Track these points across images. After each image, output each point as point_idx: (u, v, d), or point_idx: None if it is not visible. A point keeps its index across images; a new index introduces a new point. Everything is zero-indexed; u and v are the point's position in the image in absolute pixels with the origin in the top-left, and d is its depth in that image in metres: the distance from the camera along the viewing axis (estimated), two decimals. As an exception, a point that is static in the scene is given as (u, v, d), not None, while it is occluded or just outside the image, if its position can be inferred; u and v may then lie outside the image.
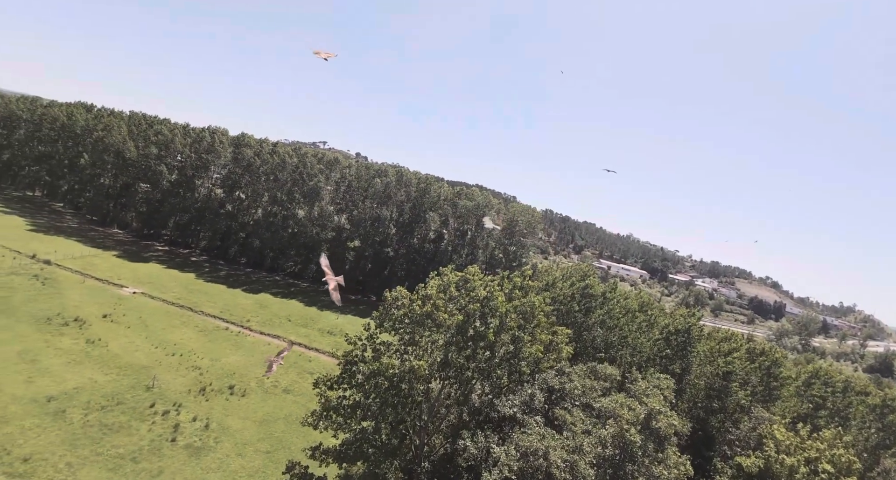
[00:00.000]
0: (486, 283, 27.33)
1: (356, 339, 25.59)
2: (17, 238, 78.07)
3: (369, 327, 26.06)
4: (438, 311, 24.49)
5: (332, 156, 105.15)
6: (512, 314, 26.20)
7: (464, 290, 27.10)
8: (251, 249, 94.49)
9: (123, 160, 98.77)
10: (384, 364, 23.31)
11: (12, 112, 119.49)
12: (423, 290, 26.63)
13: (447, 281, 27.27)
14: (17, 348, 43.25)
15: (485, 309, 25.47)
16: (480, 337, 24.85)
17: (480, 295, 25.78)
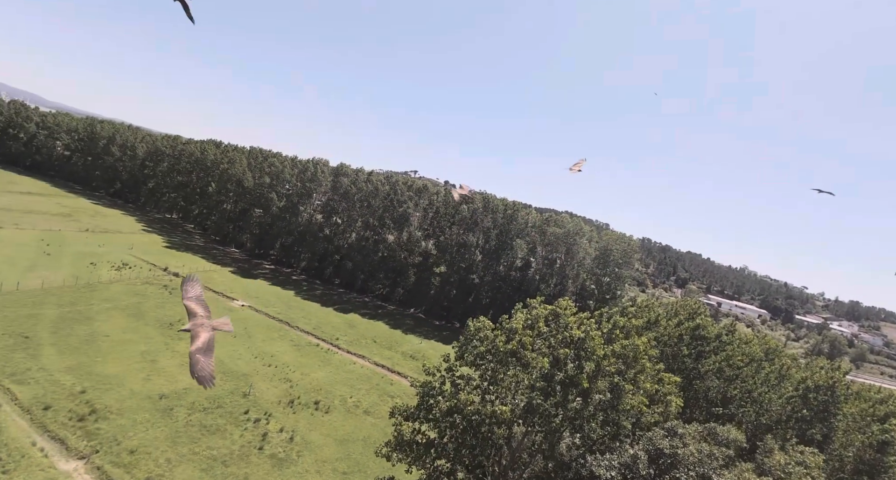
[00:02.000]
0: (581, 320, 24.49)
1: (435, 370, 24.28)
2: (155, 253, 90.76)
3: (448, 358, 24.64)
4: (525, 350, 22.29)
5: (421, 184, 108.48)
6: (611, 358, 23.07)
7: (554, 326, 24.53)
8: (344, 271, 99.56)
9: (242, 188, 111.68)
10: (463, 401, 21.57)
11: (158, 148, 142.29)
12: (509, 323, 24.61)
13: (536, 315, 24.96)
14: (142, 348, 48.94)
15: (579, 352, 22.67)
16: (572, 383, 22.01)
17: (575, 335, 23.03)
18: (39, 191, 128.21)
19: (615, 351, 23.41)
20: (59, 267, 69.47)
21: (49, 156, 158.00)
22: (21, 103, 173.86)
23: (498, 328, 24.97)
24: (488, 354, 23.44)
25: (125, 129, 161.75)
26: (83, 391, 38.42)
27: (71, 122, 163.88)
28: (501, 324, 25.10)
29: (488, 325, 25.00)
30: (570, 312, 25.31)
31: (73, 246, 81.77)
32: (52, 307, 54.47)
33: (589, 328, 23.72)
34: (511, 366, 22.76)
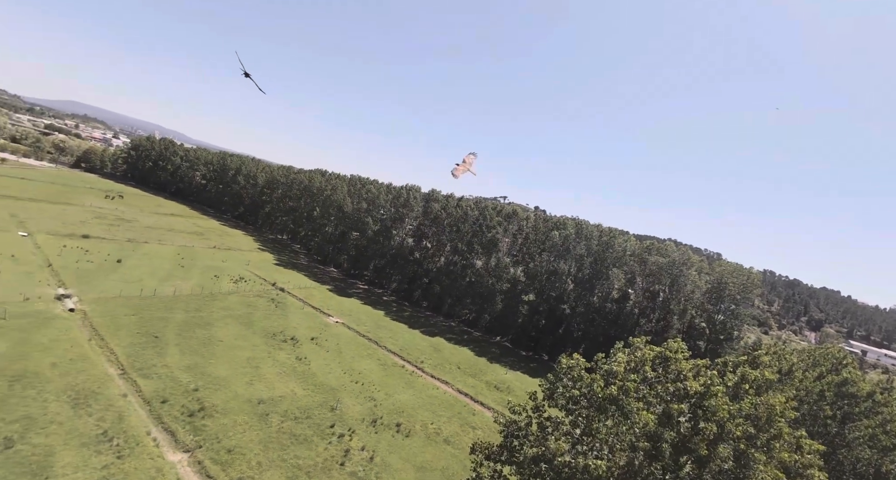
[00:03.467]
0: (698, 369, 20.85)
1: (520, 409, 22.21)
2: (267, 269, 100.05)
3: (535, 397, 22.43)
4: (628, 398, 19.41)
5: (510, 209, 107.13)
6: (738, 419, 19.10)
7: (663, 372, 21.22)
8: (432, 294, 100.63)
9: (342, 213, 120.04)
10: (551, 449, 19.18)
11: (274, 177, 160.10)
12: (607, 364, 21.82)
13: (641, 357, 21.84)
14: (248, 355, 53.06)
15: (696, 410, 19.15)
16: (686, 448, 18.49)
17: (691, 388, 19.52)
18: (180, 212, 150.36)
19: (743, 410, 19.33)
20: (190, 277, 79.30)
21: (189, 184, 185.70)
22: (170, 140, 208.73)
23: (594, 368, 22.28)
24: (583, 398, 20.85)
25: (249, 162, 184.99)
26: (196, 389, 42.29)
27: (208, 156, 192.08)
28: (598, 364, 22.39)
29: (582, 363, 22.44)
30: (682, 356, 21.81)
31: (202, 260, 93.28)
32: (180, 312, 61.82)
33: (709, 380, 19.99)
34: (610, 416, 19.86)
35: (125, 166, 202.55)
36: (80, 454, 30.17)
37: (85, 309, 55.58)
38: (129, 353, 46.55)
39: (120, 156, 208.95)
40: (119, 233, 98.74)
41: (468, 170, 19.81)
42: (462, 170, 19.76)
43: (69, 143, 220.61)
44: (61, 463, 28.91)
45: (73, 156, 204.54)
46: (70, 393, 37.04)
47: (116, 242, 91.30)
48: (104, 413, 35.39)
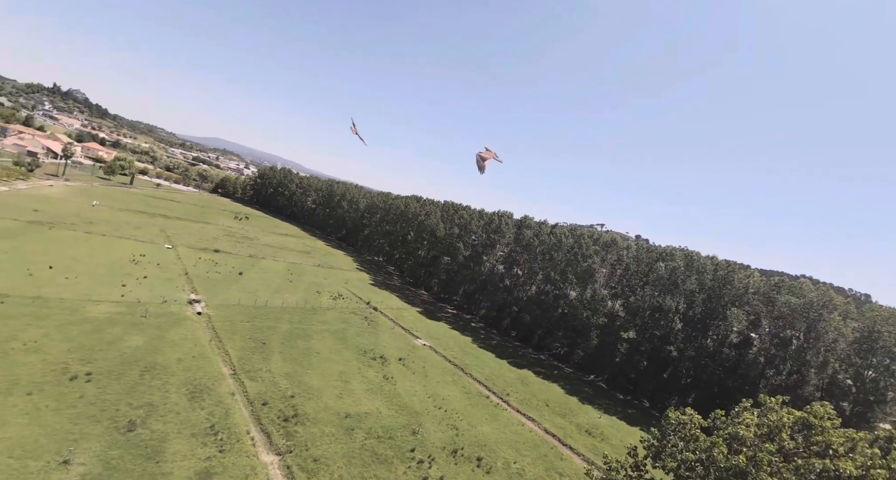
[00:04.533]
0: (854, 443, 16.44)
1: (618, 465, 19.28)
2: (362, 288, 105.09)
3: (636, 453, 19.36)
4: (760, 473, 15.79)
5: (608, 238, 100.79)
6: None
7: (803, 442, 17.14)
8: (522, 324, 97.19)
9: (435, 237, 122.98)
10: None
11: (374, 203, 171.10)
12: (731, 426, 18.22)
13: (776, 420, 17.82)
14: (340, 369, 55.04)
15: None
16: None
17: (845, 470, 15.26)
18: (293, 233, 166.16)
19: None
20: (296, 291, 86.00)
21: (302, 208, 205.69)
22: (288, 170, 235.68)
23: (711, 427, 18.71)
24: (699, 465, 17.43)
25: (353, 188, 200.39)
26: (292, 396, 44.58)
27: (318, 184, 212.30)
28: (716, 423, 18.78)
29: (697, 420, 18.98)
30: (831, 424, 17.44)
31: (307, 277, 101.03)
32: (285, 322, 66.79)
33: (869, 459, 15.61)
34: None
35: (252, 192, 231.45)
36: (189, 443, 32.98)
37: (210, 313, 62.59)
38: (240, 356, 50.96)
39: (248, 184, 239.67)
40: (243, 249, 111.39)
41: (494, 159, 18.89)
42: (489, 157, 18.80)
43: (210, 172, 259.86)
44: (172, 450, 31.78)
45: (213, 182, 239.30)
46: (189, 386, 41.25)
47: (240, 257, 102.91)
48: (214, 408, 38.65)
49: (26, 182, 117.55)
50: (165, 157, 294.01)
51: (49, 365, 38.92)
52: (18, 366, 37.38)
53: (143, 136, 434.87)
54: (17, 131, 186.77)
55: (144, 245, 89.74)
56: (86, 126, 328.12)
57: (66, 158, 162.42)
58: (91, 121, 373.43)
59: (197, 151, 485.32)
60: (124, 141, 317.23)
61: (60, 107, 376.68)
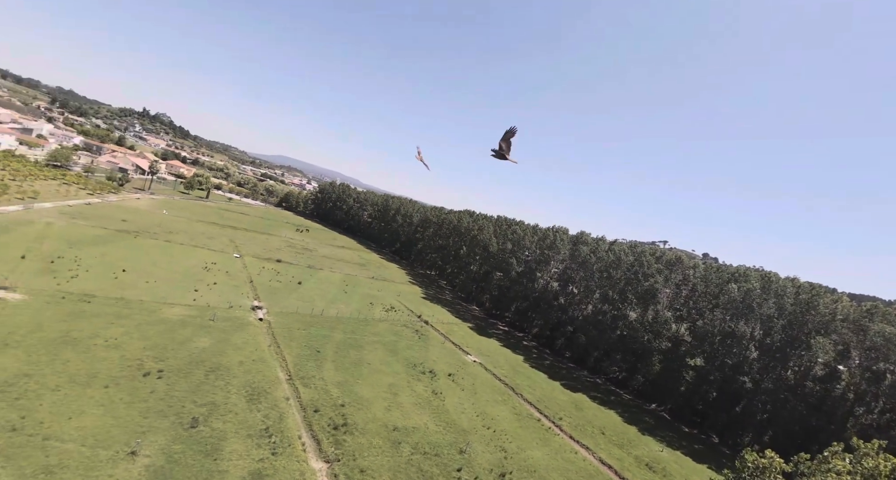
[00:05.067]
0: None
1: None
2: (414, 301, 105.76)
3: None
4: None
5: (673, 256, 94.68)
6: None
7: None
8: (576, 344, 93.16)
9: (487, 253, 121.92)
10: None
11: (427, 217, 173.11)
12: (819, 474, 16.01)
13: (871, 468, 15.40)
14: (390, 381, 55.08)
15: None
16: None
17: None
18: (349, 246, 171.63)
19: None
20: (350, 302, 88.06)
21: (358, 222, 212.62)
22: (346, 185, 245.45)
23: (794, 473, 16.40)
24: None
25: (407, 203, 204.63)
26: (343, 404, 45.02)
27: (374, 198, 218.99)
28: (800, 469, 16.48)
29: (778, 464, 16.75)
30: None
31: (361, 288, 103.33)
32: (339, 332, 68.29)
33: None
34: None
35: (312, 206, 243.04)
36: (245, 444, 34.00)
37: (270, 319, 65.34)
38: (296, 362, 52.49)
39: (309, 198, 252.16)
40: (302, 260, 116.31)
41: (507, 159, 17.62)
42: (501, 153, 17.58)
43: (276, 188, 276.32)
44: (229, 449, 32.87)
45: (278, 197, 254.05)
46: (248, 388, 42.87)
47: (300, 267, 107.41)
48: (269, 411, 39.80)
49: (117, 195, 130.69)
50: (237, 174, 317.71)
51: (126, 361, 42.02)
52: (99, 361, 40.66)
53: (218, 155, 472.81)
54: (110, 150, 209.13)
55: (216, 253, 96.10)
56: (170, 146, 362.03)
57: (152, 174, 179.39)
58: (175, 142, 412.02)
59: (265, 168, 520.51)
60: (202, 159, 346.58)
61: (149, 129, 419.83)
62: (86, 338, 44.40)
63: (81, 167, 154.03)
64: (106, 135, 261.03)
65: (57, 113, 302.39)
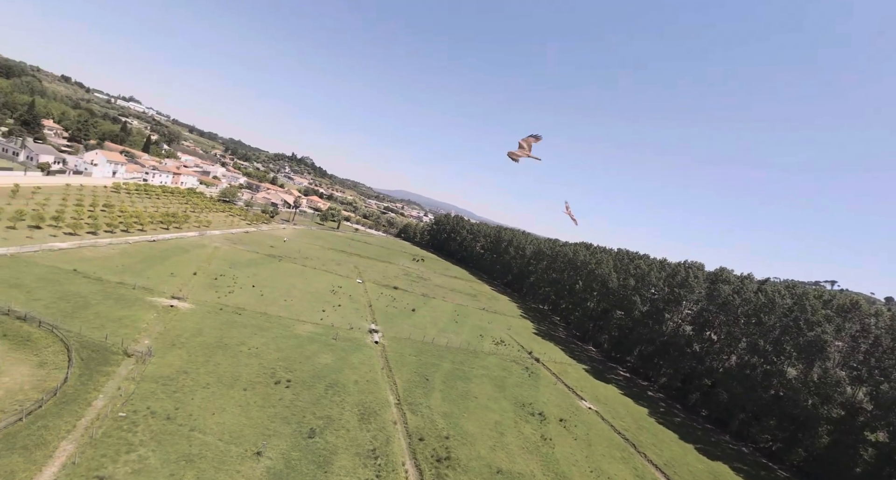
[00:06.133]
0: None
1: None
2: (525, 336, 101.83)
3: None
4: None
5: (845, 300, 76.97)
6: None
7: None
8: (715, 402, 79.70)
9: (606, 289, 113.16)
10: None
11: (540, 249, 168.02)
12: None
13: None
14: (496, 418, 52.55)
15: None
16: None
17: None
18: (461, 276, 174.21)
19: None
20: (460, 332, 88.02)
21: (471, 253, 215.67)
22: (460, 217, 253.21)
23: None
24: None
25: (520, 235, 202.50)
26: (447, 437, 43.94)
27: (487, 230, 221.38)
28: None
29: None
30: None
31: (472, 319, 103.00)
32: (448, 361, 68.15)
33: None
34: None
35: (428, 236, 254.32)
36: (353, 461, 34.72)
37: (385, 343, 68.11)
38: (405, 387, 53.30)
39: (426, 229, 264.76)
40: (417, 288, 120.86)
41: (528, 155, 15.44)
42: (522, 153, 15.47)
43: (396, 219, 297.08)
44: (338, 464, 33.82)
45: (397, 228, 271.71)
46: (360, 407, 44.39)
47: (414, 295, 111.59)
48: (378, 432, 40.47)
49: (268, 225, 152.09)
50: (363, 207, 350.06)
51: (263, 368, 46.80)
52: (242, 366, 45.89)
53: (349, 190, 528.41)
54: (266, 187, 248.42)
55: (342, 278, 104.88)
56: (311, 183, 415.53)
57: (296, 208, 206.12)
58: (315, 180, 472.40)
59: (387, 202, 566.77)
60: (336, 194, 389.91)
61: (295, 170, 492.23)
62: (234, 345, 50.80)
63: (243, 202, 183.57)
64: (263, 175, 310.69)
65: (228, 159, 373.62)
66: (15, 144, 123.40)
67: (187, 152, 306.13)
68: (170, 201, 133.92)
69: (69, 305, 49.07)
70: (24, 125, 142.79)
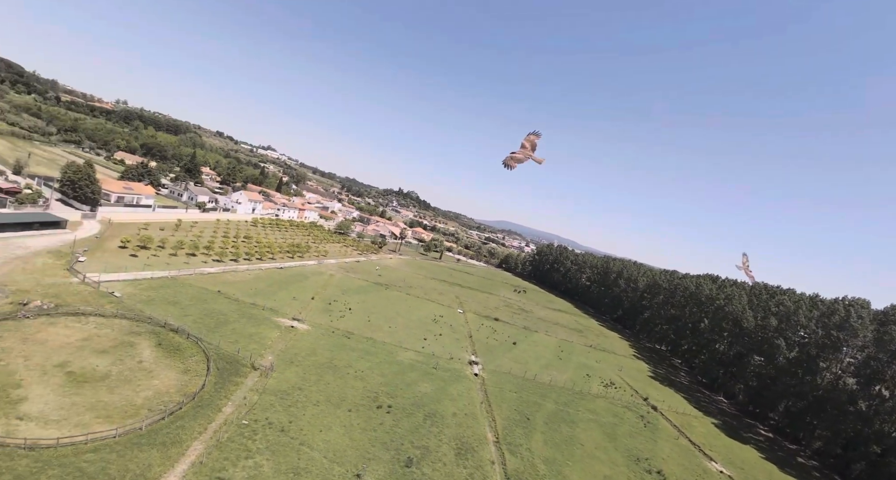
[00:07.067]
0: None
1: None
2: (640, 380, 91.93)
3: None
4: None
5: None
6: None
7: None
8: (887, 475, 62.75)
9: (740, 329, 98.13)
10: None
11: (656, 282, 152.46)
12: None
13: None
14: (606, 472, 47.05)
15: None
16: None
17: None
18: (566, 309, 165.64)
19: None
20: (564, 370, 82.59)
21: (576, 285, 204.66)
22: (564, 247, 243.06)
23: None
24: None
25: (631, 265, 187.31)
26: (550, 485, 40.34)
27: (593, 260, 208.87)
28: None
29: None
30: None
31: (577, 357, 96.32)
32: (551, 401, 63.86)
33: None
34: None
35: (530, 267, 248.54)
36: (450, 500, 33.30)
37: (484, 376, 66.46)
38: (504, 425, 50.82)
39: (528, 260, 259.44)
40: (518, 320, 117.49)
41: (531, 158, 13.26)
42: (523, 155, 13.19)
43: (497, 250, 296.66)
44: (434, 501, 32.67)
45: (498, 258, 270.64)
46: (458, 441, 43.11)
47: (515, 327, 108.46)
48: (474, 471, 38.66)
49: (376, 255, 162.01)
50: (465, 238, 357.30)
51: (367, 392, 48.31)
52: (348, 388, 47.87)
53: (451, 222, 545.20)
54: (375, 220, 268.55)
55: (443, 308, 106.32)
56: (416, 216, 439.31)
57: (402, 239, 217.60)
58: (419, 212, 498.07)
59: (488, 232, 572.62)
60: (439, 226, 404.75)
61: (402, 203, 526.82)
62: (343, 366, 53.54)
63: (356, 234, 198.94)
64: (373, 209, 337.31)
65: (344, 195, 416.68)
66: (180, 187, 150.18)
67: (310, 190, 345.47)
68: (295, 233, 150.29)
69: (212, 321, 56.43)
70: (188, 172, 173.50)
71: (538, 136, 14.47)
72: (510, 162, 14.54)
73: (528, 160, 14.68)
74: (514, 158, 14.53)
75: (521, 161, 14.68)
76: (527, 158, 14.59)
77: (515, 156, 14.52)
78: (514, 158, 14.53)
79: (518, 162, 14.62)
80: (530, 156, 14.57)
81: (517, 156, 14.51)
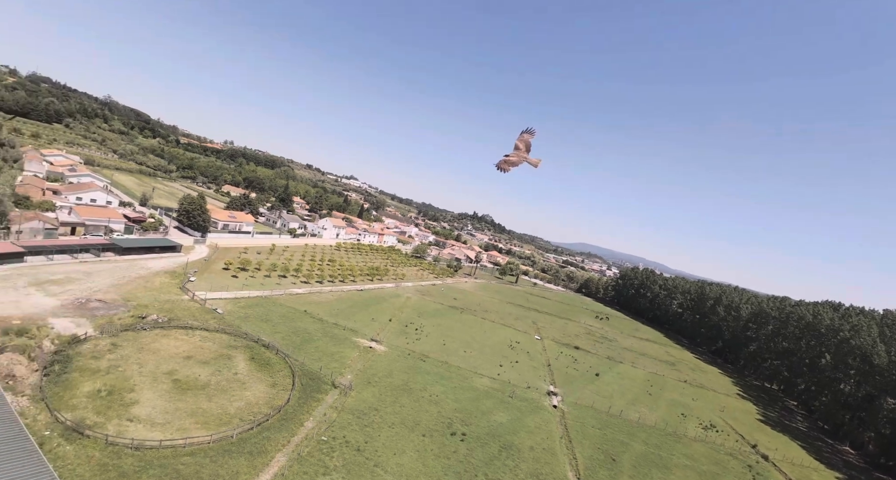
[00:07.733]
0: None
1: None
2: (746, 423, 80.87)
3: None
4: None
5: None
6: None
7: None
8: None
9: (870, 366, 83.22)
10: None
11: (763, 310, 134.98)
12: None
13: None
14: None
15: None
16: None
17: None
18: (654, 339, 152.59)
19: None
20: (656, 408, 75.23)
21: (665, 312, 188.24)
22: (651, 270, 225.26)
23: None
24: None
25: (731, 291, 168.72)
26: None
27: (685, 285, 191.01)
28: None
29: None
30: None
31: (670, 393, 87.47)
32: (639, 442, 58.11)
33: None
34: None
35: (613, 292, 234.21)
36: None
37: (564, 409, 62.57)
38: (587, 465, 46.98)
39: (610, 284, 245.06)
40: (601, 350, 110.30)
41: (525, 160, 12.63)
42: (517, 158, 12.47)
43: (576, 273, 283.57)
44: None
45: (577, 282, 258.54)
46: (535, 478, 40.45)
47: (598, 357, 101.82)
48: (556, 513, 35.78)
49: (452, 278, 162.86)
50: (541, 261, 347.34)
51: (441, 417, 47.51)
52: (423, 412, 47.43)
53: (526, 245, 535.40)
54: (450, 244, 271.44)
55: (519, 333, 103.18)
56: (491, 239, 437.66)
57: (477, 262, 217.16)
58: (494, 236, 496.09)
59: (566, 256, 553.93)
60: (514, 249, 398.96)
61: (477, 227, 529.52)
62: (418, 389, 53.43)
63: (432, 257, 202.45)
64: (448, 233, 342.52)
65: (420, 220, 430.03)
66: (274, 215, 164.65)
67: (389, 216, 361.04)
68: (375, 257, 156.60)
69: (298, 339, 59.70)
70: (281, 201, 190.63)
71: (532, 135, 13.12)
72: (504, 165, 13.40)
73: (522, 163, 13.46)
74: (507, 161, 13.45)
75: (515, 164, 13.47)
76: (521, 161, 13.36)
77: (509, 158, 13.43)
78: (507, 161, 13.45)
79: (512, 165, 13.42)
80: (525, 159, 13.31)
81: (511, 158, 13.40)
